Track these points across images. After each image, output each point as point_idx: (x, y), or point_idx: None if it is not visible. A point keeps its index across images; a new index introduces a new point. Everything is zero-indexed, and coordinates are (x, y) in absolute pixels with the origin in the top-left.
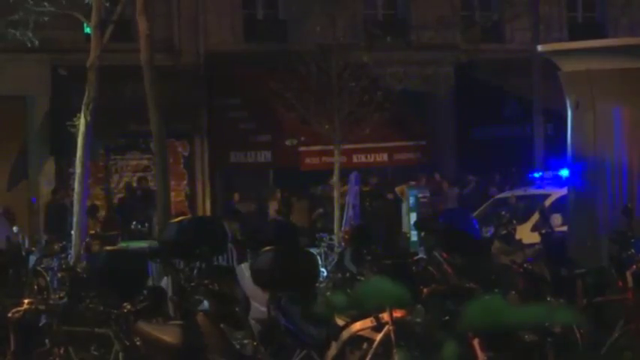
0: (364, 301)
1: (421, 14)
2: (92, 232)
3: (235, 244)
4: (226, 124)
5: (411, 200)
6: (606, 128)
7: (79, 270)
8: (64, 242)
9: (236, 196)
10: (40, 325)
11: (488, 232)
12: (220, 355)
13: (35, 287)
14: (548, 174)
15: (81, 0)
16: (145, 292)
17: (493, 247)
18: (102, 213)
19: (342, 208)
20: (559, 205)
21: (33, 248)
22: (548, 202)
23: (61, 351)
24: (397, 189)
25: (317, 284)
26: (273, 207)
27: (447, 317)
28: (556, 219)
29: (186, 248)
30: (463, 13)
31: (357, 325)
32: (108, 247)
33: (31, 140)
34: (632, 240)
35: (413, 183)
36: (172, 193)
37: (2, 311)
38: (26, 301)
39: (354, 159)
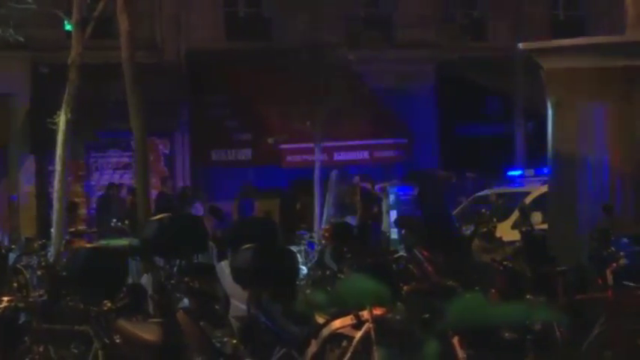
0: (344, 299)
1: (404, 12)
2: (72, 229)
3: (216, 242)
4: (207, 122)
5: (392, 198)
6: (587, 126)
7: (58, 268)
8: (44, 240)
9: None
10: (20, 322)
11: (468, 229)
12: (200, 352)
13: (15, 285)
14: (529, 172)
15: None
16: (124, 289)
17: (473, 244)
18: (82, 211)
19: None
20: (539, 203)
21: (13, 246)
22: (528, 200)
23: (41, 349)
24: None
25: (297, 282)
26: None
27: (427, 315)
28: (536, 217)
29: (167, 246)
30: (445, 12)
31: (337, 323)
32: (87, 245)
33: (11, 138)
34: (613, 238)
35: (395, 181)
36: (153, 191)
37: None
38: (5, 298)
39: (336, 157)
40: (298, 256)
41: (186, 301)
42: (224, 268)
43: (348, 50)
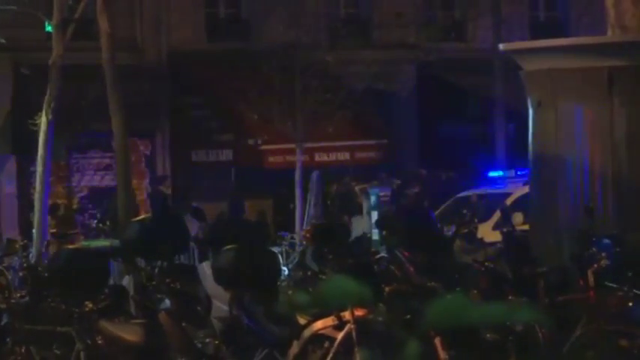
0: (326, 300)
1: (383, 13)
2: (53, 230)
3: (197, 243)
4: (188, 123)
5: (372, 199)
6: (567, 127)
7: (40, 269)
8: (26, 241)
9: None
10: (2, 324)
11: (449, 230)
12: (182, 353)
13: None
14: (510, 173)
15: None
16: (106, 290)
17: (454, 245)
18: (63, 212)
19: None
20: (520, 204)
21: None
22: (509, 201)
23: (23, 350)
24: (359, 187)
25: (278, 283)
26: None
27: (408, 316)
28: (517, 218)
29: (148, 247)
30: (425, 12)
31: (319, 324)
32: (69, 246)
33: None
34: (594, 239)
35: (376, 182)
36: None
37: None
38: None
39: (316, 157)
40: (279, 257)
41: (167, 302)
42: (205, 268)
43: (327, 51)
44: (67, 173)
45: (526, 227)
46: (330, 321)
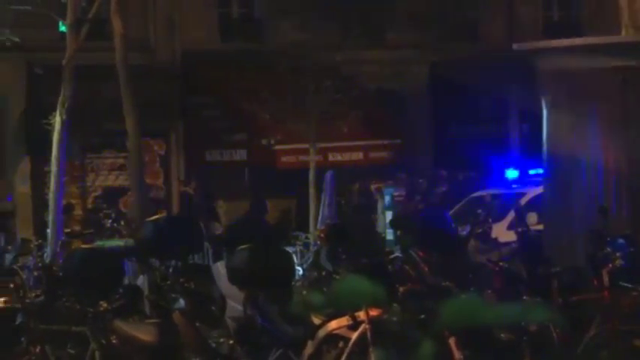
0: (340, 300)
1: (396, 13)
2: (68, 230)
3: (212, 243)
4: (202, 123)
5: (387, 199)
6: (582, 127)
7: (55, 268)
8: (40, 241)
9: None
10: (17, 323)
11: (464, 230)
12: (196, 353)
13: (11, 286)
14: (524, 173)
15: None
16: (121, 290)
17: (469, 245)
18: (78, 212)
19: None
20: (535, 204)
21: (9, 247)
22: (523, 201)
23: (38, 349)
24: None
25: (293, 283)
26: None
27: (423, 316)
28: (532, 218)
29: (163, 247)
30: (438, 12)
31: (333, 324)
32: (83, 246)
33: (6, 139)
34: (608, 239)
35: (390, 182)
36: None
37: None
38: (2, 299)
39: (330, 157)
40: (294, 256)
41: (182, 302)
42: (220, 268)
43: (340, 51)
44: (82, 173)
45: (540, 227)
46: (344, 321)
